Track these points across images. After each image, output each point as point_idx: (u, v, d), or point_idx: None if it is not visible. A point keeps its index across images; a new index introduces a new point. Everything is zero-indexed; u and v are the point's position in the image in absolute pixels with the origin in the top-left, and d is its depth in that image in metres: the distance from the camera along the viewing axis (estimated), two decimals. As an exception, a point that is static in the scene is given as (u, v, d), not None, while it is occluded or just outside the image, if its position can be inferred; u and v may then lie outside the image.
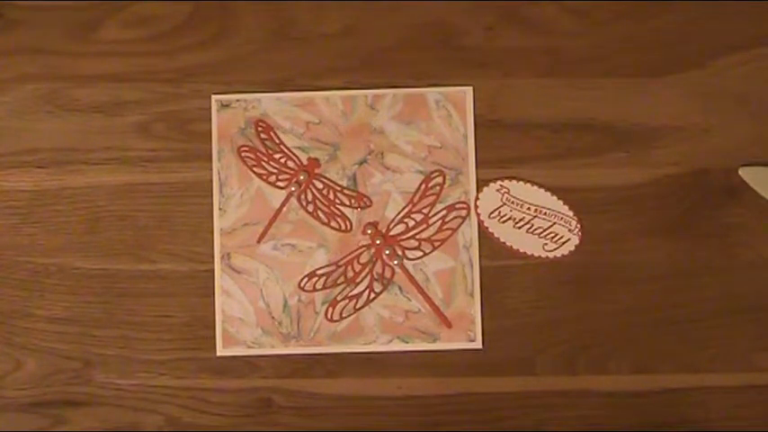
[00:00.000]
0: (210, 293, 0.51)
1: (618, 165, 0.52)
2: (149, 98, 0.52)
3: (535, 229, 0.51)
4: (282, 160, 0.52)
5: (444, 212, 0.51)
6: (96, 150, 0.52)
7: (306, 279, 0.51)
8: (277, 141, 0.52)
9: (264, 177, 0.52)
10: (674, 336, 0.50)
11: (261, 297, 0.50)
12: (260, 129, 0.52)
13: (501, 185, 0.51)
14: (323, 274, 0.51)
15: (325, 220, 0.51)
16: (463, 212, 0.51)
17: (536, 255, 0.51)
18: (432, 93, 0.52)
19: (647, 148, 0.52)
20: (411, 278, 0.51)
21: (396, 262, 0.51)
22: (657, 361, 0.50)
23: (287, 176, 0.52)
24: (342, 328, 0.50)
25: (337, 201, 0.51)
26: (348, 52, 0.53)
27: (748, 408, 0.50)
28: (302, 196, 0.52)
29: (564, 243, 0.51)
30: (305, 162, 0.52)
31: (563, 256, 0.51)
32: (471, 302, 0.50)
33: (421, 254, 0.51)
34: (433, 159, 0.51)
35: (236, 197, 0.51)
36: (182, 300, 0.51)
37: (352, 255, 0.51)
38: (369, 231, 0.51)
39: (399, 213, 0.51)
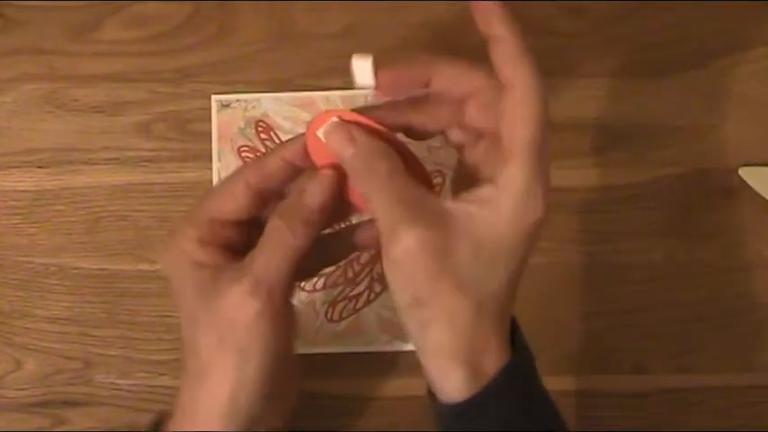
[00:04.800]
0: (210, 293, 0.51)
1: (618, 165, 0.52)
2: (149, 98, 0.52)
3: None
4: (282, 160, 0.52)
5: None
6: (96, 150, 0.52)
7: (306, 279, 0.51)
8: (277, 141, 0.52)
9: (264, 177, 0.52)
10: (674, 336, 0.50)
11: (261, 297, 0.50)
12: (260, 129, 0.52)
13: None
14: (323, 274, 0.51)
15: (326, 220, 0.51)
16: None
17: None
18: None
19: (647, 148, 0.52)
20: (411, 278, 0.51)
21: (396, 262, 0.51)
22: (657, 361, 0.50)
23: (287, 176, 0.52)
24: (342, 329, 0.50)
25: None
26: (348, 52, 0.53)
27: (748, 408, 0.50)
28: (302, 196, 0.51)
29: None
30: (305, 162, 0.52)
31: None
32: (471, 302, 0.50)
33: (421, 254, 0.51)
34: (433, 159, 0.51)
35: (236, 197, 0.51)
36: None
37: (353, 255, 0.51)
38: (369, 231, 0.51)
39: (399, 213, 0.51)
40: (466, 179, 0.35)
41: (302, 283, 0.51)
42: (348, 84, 0.52)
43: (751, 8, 0.53)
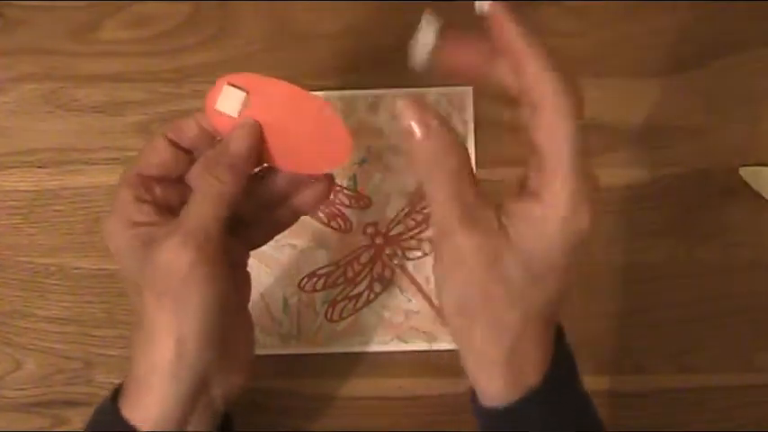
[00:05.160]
0: (210, 293, 0.51)
1: (618, 165, 0.52)
2: (149, 98, 0.52)
3: None
4: (282, 160, 0.52)
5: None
6: (96, 150, 0.52)
7: (306, 279, 0.51)
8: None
9: (264, 177, 0.52)
10: (674, 336, 0.50)
11: (261, 297, 0.50)
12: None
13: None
14: (323, 275, 0.51)
15: (325, 220, 0.51)
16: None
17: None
18: (432, 93, 0.52)
19: (647, 148, 0.52)
20: (411, 278, 0.51)
21: (396, 262, 0.51)
22: (657, 361, 0.50)
23: (287, 176, 0.52)
24: (342, 328, 0.50)
25: (337, 201, 0.51)
26: (348, 52, 0.53)
27: (748, 408, 0.50)
28: (302, 196, 0.51)
29: None
30: (305, 162, 0.52)
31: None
32: (471, 302, 0.50)
33: (421, 254, 0.51)
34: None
35: (236, 197, 0.51)
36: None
37: (352, 255, 0.51)
38: (369, 231, 0.51)
39: (399, 213, 0.51)
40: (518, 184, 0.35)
41: (302, 283, 0.51)
42: (347, 84, 0.52)
43: (751, 8, 0.53)
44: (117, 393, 0.36)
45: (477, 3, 0.32)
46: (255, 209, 0.38)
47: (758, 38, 0.53)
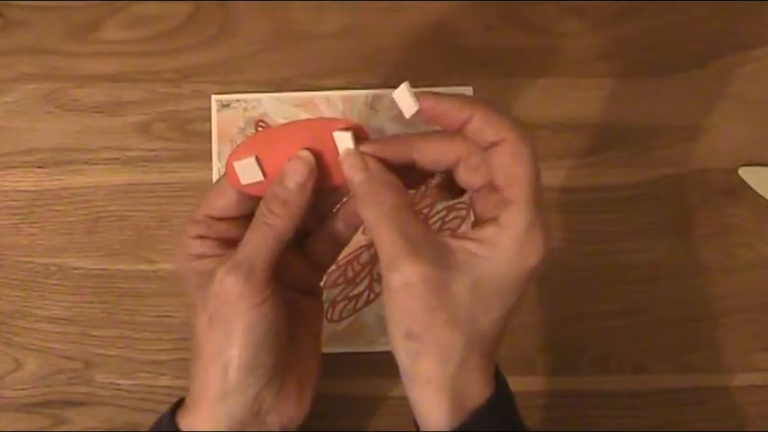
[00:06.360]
0: (210, 293, 0.51)
1: (618, 165, 0.52)
2: (149, 98, 0.52)
3: None
4: (282, 160, 0.52)
5: (444, 213, 0.51)
6: (96, 150, 0.52)
7: (306, 279, 0.51)
8: (277, 141, 0.52)
9: (264, 177, 0.52)
10: (674, 336, 0.50)
11: (261, 297, 0.50)
12: (260, 129, 0.52)
13: None
14: (323, 274, 0.51)
15: (325, 220, 0.51)
16: (462, 213, 0.51)
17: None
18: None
19: (647, 148, 0.52)
20: (411, 278, 0.51)
21: (396, 262, 0.51)
22: (657, 361, 0.50)
23: (287, 176, 0.52)
24: (342, 329, 0.50)
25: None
26: (348, 52, 0.53)
27: (748, 408, 0.50)
28: (302, 196, 0.51)
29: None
30: (305, 162, 0.52)
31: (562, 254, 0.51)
32: (471, 302, 0.50)
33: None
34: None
35: (236, 197, 0.51)
36: (182, 300, 0.51)
37: (352, 255, 0.51)
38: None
39: (399, 213, 0.51)
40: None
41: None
42: (347, 84, 0.52)
43: (751, 8, 0.53)
44: (177, 405, 0.37)
45: (403, 111, 0.35)
46: (314, 217, 0.39)
47: (758, 38, 0.53)
